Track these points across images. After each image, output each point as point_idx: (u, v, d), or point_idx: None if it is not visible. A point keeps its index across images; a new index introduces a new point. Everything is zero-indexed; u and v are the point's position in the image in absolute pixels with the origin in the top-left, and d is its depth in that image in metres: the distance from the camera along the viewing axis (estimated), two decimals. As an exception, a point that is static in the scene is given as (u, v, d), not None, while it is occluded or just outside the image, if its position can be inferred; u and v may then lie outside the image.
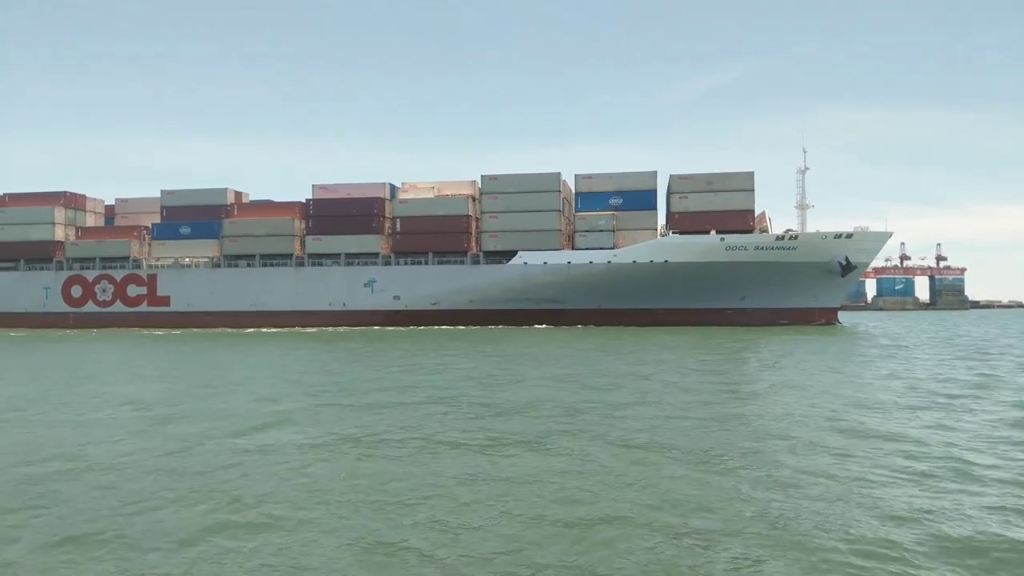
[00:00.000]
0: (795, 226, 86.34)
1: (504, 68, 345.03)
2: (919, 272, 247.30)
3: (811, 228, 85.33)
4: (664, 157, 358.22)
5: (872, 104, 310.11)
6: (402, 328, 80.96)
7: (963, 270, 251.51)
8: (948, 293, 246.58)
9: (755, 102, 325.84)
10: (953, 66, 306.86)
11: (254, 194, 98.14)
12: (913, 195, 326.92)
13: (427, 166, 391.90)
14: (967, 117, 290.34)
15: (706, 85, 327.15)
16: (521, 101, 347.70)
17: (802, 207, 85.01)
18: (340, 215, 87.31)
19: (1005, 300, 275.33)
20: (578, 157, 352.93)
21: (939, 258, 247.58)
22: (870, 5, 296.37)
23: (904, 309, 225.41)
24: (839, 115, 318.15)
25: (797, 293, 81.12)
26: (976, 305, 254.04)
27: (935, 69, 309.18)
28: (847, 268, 79.48)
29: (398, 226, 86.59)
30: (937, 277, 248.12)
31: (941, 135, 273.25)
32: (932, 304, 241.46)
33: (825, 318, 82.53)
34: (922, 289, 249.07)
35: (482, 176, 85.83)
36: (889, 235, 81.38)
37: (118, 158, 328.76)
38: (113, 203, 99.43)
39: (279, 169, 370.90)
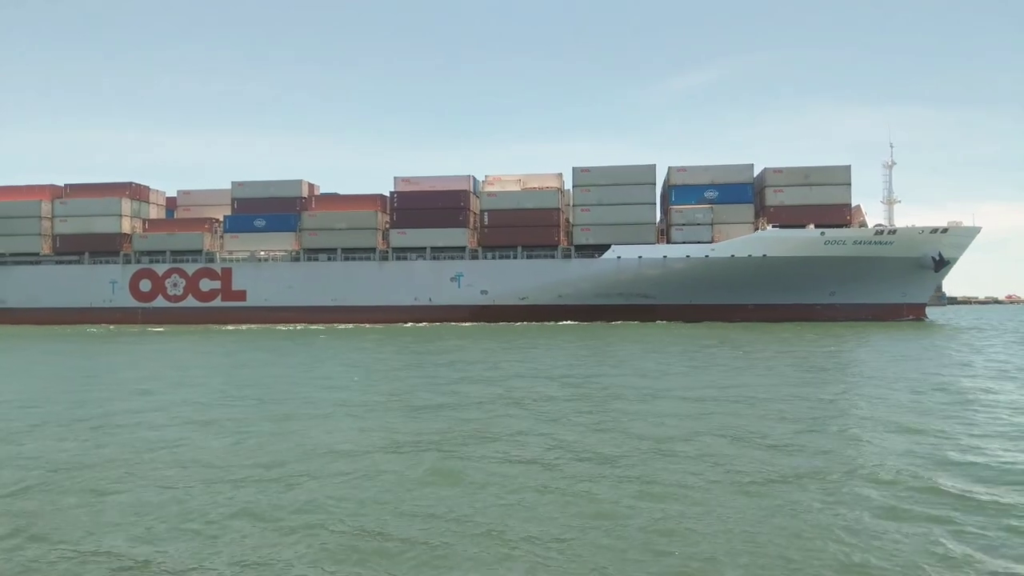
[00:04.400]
0: (877, 221, 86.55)
1: (486, 66, 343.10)
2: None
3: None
4: (656, 154, 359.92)
5: (857, 103, 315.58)
6: (492, 324, 79.44)
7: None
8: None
9: (743, 100, 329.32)
10: (940, 67, 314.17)
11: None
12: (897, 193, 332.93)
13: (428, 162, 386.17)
14: (948, 117, 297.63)
15: (691, 83, 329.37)
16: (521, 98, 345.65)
17: (889, 202, 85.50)
18: (425, 208, 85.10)
19: (982, 297, 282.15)
20: (574, 153, 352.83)
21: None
22: (853, 7, 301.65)
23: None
24: (826, 114, 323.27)
25: (887, 288, 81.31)
26: (953, 301, 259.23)
27: (922, 70, 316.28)
28: (940, 263, 79.96)
29: (486, 219, 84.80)
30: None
31: (923, 135, 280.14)
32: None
33: (913, 314, 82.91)
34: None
35: (574, 168, 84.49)
36: (978, 230, 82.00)
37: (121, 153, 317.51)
38: (174, 195, 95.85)
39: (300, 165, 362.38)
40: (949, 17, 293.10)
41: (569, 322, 79.98)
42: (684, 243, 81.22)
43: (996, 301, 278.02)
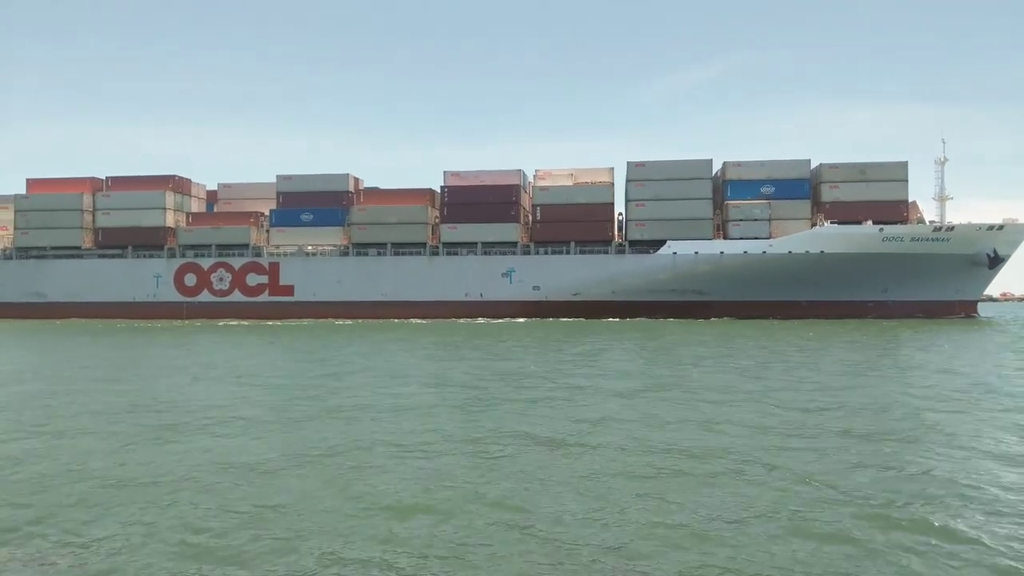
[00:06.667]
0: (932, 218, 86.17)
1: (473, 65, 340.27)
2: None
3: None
4: (657, 153, 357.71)
5: (855, 101, 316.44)
6: (542, 320, 78.49)
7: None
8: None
9: (740, 98, 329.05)
10: (940, 66, 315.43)
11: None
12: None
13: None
14: (950, 114, 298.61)
15: (690, 81, 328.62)
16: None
17: (941, 198, 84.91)
18: (476, 203, 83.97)
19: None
20: (575, 152, 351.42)
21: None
22: (853, 6, 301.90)
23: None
24: (823, 112, 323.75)
25: (940, 285, 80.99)
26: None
27: (922, 69, 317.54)
28: (995, 260, 79.82)
29: (538, 214, 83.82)
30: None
31: (919, 131, 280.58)
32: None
33: (964, 311, 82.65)
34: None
35: (628, 163, 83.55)
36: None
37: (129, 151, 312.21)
38: (215, 188, 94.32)
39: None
40: (949, 17, 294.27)
41: (614, 319, 78.89)
42: (741, 239, 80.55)
43: (991, 299, 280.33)
